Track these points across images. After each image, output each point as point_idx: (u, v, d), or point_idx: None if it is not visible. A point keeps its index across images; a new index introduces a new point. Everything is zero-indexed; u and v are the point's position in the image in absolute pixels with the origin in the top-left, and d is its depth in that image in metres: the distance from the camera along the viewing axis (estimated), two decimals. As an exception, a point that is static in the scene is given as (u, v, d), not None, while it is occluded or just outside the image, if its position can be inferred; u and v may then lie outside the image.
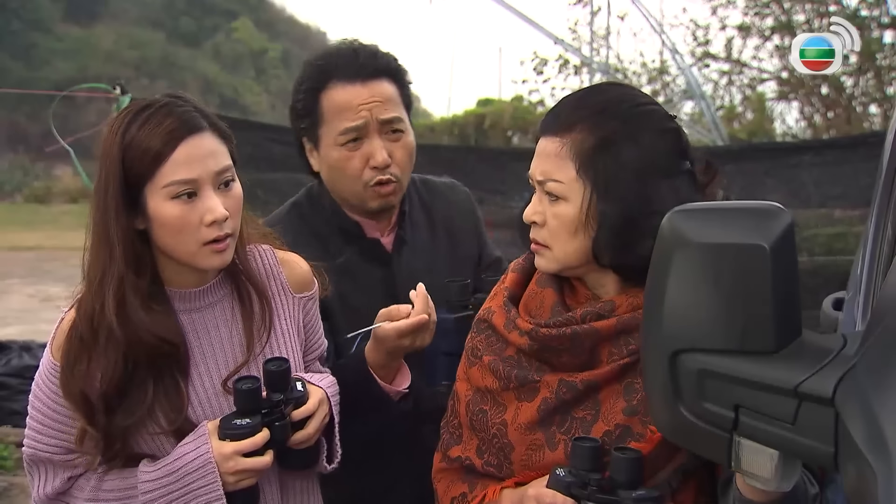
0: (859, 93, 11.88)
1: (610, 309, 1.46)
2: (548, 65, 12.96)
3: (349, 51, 1.98)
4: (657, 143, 1.42)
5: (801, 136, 12.30)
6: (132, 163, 1.49)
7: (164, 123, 1.50)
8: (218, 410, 1.59)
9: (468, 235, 2.17)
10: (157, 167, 1.49)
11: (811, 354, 0.98)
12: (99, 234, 1.53)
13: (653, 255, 1.09)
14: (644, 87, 12.72)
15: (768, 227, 1.01)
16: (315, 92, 1.97)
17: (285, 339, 1.68)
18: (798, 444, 0.95)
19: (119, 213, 1.50)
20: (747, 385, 0.98)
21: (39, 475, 1.62)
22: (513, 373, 1.53)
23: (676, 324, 1.03)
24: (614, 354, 1.45)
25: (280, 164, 5.80)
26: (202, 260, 1.55)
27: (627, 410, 1.43)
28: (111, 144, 1.51)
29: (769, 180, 5.82)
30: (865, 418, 0.86)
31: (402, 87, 2.01)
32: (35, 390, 1.60)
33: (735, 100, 13.52)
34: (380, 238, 2.07)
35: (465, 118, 14.83)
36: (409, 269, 2.04)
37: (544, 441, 1.49)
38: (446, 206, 2.17)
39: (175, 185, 1.50)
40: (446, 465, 1.64)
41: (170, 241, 1.53)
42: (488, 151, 9.26)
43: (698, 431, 1.03)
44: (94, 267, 1.54)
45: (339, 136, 1.95)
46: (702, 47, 12.46)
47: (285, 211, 2.11)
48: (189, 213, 1.51)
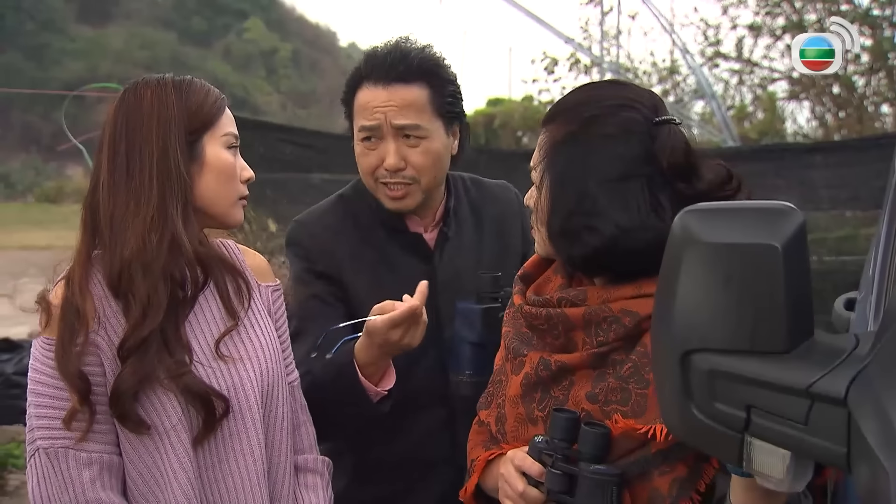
0: (871, 92, 11.84)
1: (582, 298, 1.50)
2: (558, 64, 12.96)
3: (384, 52, 2.01)
4: (614, 146, 1.44)
5: (812, 135, 12.27)
6: (198, 111, 1.65)
7: (212, 88, 1.71)
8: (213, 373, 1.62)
9: (515, 235, 2.19)
10: (220, 117, 1.67)
11: (823, 354, 0.98)
12: (146, 185, 1.59)
13: (664, 255, 1.09)
14: (654, 87, 12.71)
15: (780, 227, 1.01)
16: (353, 89, 2.04)
17: (264, 320, 1.73)
18: (810, 445, 0.95)
19: (185, 156, 1.62)
20: (759, 385, 0.98)
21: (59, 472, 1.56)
22: (512, 345, 1.61)
23: (687, 324, 1.03)
24: (587, 343, 1.49)
25: (290, 164, 5.81)
26: (235, 211, 1.70)
27: (589, 396, 1.47)
28: (165, 100, 1.63)
29: (780, 181, 5.80)
30: (878, 418, 0.86)
31: (438, 90, 2.01)
32: (34, 376, 1.59)
33: (746, 99, 13.50)
34: (423, 233, 2.09)
35: (474, 118, 14.80)
36: (452, 266, 2.07)
37: (525, 415, 1.55)
38: (496, 207, 2.19)
39: (229, 136, 1.68)
40: (477, 428, 1.70)
41: (218, 189, 1.67)
42: (499, 153, 9.25)
43: (710, 432, 1.03)
44: (138, 220, 1.57)
45: (358, 133, 2.02)
46: (712, 47, 12.45)
47: (331, 202, 2.16)
48: (235, 164, 1.69)
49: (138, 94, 1.63)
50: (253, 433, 1.65)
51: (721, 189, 1.48)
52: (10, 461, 5.16)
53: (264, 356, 1.69)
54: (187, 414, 1.59)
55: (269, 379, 1.69)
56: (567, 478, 1.42)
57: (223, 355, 1.64)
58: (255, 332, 1.71)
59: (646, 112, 1.47)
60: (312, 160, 6.02)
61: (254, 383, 1.66)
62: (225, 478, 1.64)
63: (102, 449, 1.58)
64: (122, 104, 1.63)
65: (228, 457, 1.64)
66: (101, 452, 1.58)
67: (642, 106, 1.48)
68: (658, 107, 1.50)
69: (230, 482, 1.64)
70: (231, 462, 1.64)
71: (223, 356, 1.63)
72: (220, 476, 1.63)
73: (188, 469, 1.59)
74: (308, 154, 6.01)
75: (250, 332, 1.70)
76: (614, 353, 1.47)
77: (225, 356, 1.64)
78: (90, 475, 1.57)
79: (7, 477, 5.20)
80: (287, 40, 49.99)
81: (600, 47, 13.14)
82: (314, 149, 6.18)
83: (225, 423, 1.62)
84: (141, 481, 1.60)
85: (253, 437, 1.66)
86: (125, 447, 1.60)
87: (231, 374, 1.64)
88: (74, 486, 1.56)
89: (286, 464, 1.74)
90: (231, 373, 1.64)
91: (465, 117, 2.10)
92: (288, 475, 1.74)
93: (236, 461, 1.64)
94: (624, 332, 1.45)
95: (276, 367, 1.72)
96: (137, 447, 1.59)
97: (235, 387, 1.64)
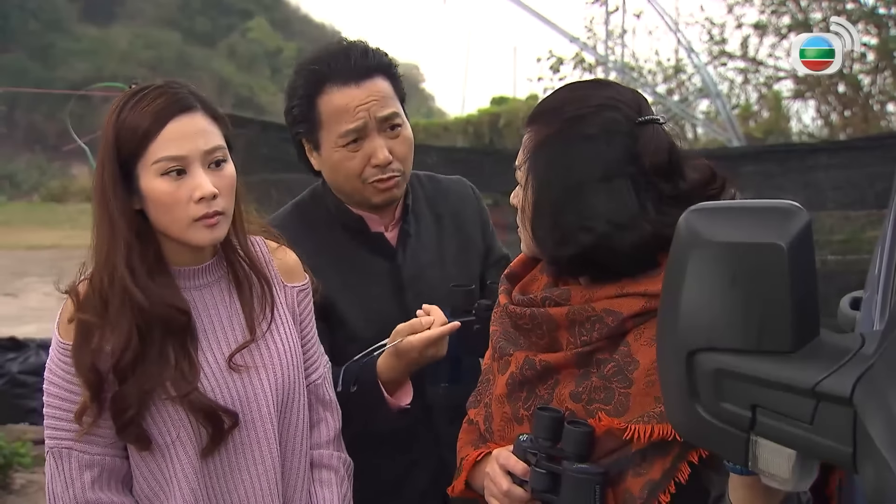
0: (876, 91, 11.82)
1: (565, 297, 1.50)
2: (564, 63, 12.95)
3: (340, 52, 1.99)
4: (596, 146, 1.43)
5: (817, 134, 12.24)
6: (124, 141, 1.55)
7: (155, 102, 1.55)
8: (224, 386, 1.62)
9: (475, 229, 2.20)
10: (147, 144, 1.54)
11: (829, 354, 0.98)
12: (101, 213, 1.57)
13: (669, 254, 1.09)
14: (659, 86, 12.72)
15: (786, 227, 1.01)
16: (311, 98, 1.98)
17: (285, 326, 1.72)
18: (816, 444, 0.95)
19: (117, 191, 1.55)
20: (765, 384, 0.98)
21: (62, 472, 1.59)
22: (498, 344, 1.61)
23: (693, 323, 1.03)
24: (571, 342, 1.49)
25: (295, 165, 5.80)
26: (193, 235, 1.58)
27: (573, 395, 1.47)
28: (107, 125, 1.56)
29: (785, 181, 5.79)
30: (884, 418, 0.86)
31: (395, 80, 2.03)
32: (48, 376, 1.61)
33: (751, 98, 13.48)
34: (384, 232, 2.09)
35: (479, 117, 14.80)
36: (415, 262, 2.08)
37: (511, 414, 1.56)
38: (453, 201, 2.20)
39: (164, 162, 1.54)
40: (466, 427, 1.70)
41: (163, 219, 1.58)
42: (504, 153, 9.24)
43: (715, 431, 1.03)
44: (101, 244, 1.58)
45: (339, 139, 1.97)
46: (718, 45, 12.43)
47: (287, 211, 2.14)
48: (178, 189, 1.55)
49: (109, 109, 1.59)
50: (265, 443, 1.66)
51: (704, 189, 1.47)
52: (15, 460, 5.17)
53: (282, 364, 1.69)
54: (195, 426, 1.59)
55: (286, 387, 1.69)
56: (551, 476, 1.42)
57: (237, 366, 1.63)
58: (276, 338, 1.69)
59: (628, 112, 1.46)
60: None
61: (268, 393, 1.65)
62: (237, 486, 1.64)
63: (105, 452, 1.60)
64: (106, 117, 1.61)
65: (240, 466, 1.64)
66: (104, 455, 1.60)
67: (625, 106, 1.47)
68: (642, 106, 1.48)
69: (241, 492, 1.64)
70: (242, 472, 1.64)
71: (237, 367, 1.63)
72: (232, 486, 1.64)
73: (191, 479, 1.59)
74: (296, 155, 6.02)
75: (269, 340, 1.69)
76: (598, 352, 1.47)
77: (239, 366, 1.63)
78: (91, 477, 1.59)
79: (13, 476, 5.21)
80: (291, 40, 49.95)
81: (605, 46, 13.12)
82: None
83: (236, 434, 1.63)
84: (146, 485, 1.62)
85: (265, 447, 1.66)
86: (131, 450, 1.62)
87: (245, 384, 1.64)
88: (75, 486, 1.58)
89: (301, 465, 1.74)
90: (245, 383, 1.64)
91: None
92: (303, 473, 1.74)
93: (248, 471, 1.64)
94: (607, 332, 1.45)
95: (295, 374, 1.71)
96: (143, 454, 1.61)
97: (248, 397, 1.64)
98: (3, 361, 6.20)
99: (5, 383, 6.05)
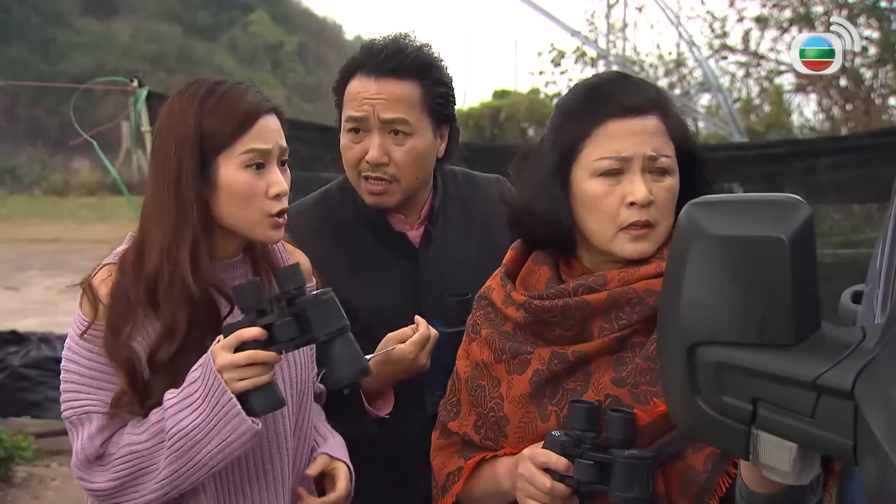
0: (878, 85, 11.77)
1: (602, 283, 1.50)
2: (565, 57, 12.93)
3: (379, 46, 2.01)
4: None
5: (819, 128, 12.22)
6: (213, 132, 1.58)
7: (245, 98, 1.61)
8: None
9: (503, 234, 2.15)
10: (240, 135, 1.59)
11: (830, 347, 0.98)
12: (169, 200, 1.59)
13: (670, 247, 1.09)
14: (661, 80, 12.68)
15: (787, 220, 1.01)
16: (345, 78, 2.03)
17: None
18: (817, 438, 0.95)
19: (195, 178, 1.58)
20: (766, 378, 0.98)
21: (80, 433, 1.60)
22: (507, 345, 1.58)
23: (694, 316, 1.03)
24: (605, 329, 1.49)
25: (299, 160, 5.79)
26: (262, 231, 1.63)
27: (616, 381, 1.47)
28: (185, 114, 1.59)
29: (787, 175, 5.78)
30: (885, 411, 0.86)
31: (429, 89, 2.00)
32: (67, 353, 1.62)
33: (752, 92, 13.44)
34: (407, 232, 2.07)
35: (480, 111, 14.79)
36: (436, 266, 2.05)
37: (536, 414, 1.53)
38: (485, 203, 2.14)
39: (251, 154, 1.60)
40: (444, 442, 1.68)
41: (234, 210, 1.61)
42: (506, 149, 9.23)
43: (716, 424, 1.03)
44: (162, 231, 1.59)
45: (345, 123, 2.00)
46: (719, 39, 12.38)
47: (313, 200, 2.14)
48: (257, 182, 1.61)
49: (172, 103, 1.64)
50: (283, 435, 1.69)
51: None
52: (17, 453, 5.18)
53: (297, 361, 1.71)
54: None
55: (301, 384, 1.72)
56: (599, 467, 1.41)
57: None
58: None
59: None
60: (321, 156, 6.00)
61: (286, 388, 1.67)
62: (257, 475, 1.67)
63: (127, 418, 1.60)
64: (162, 111, 1.65)
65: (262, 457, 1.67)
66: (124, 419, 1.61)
67: None
68: None
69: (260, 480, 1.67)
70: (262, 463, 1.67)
71: None
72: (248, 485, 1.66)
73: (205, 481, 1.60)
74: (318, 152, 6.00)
75: None
76: (634, 335, 1.48)
77: None
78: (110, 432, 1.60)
79: (14, 469, 5.22)
80: (293, 34, 49.92)
81: (607, 40, 13.10)
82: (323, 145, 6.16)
83: None
84: None
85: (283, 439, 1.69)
86: None
87: None
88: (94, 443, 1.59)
89: (306, 453, 1.77)
90: None
91: (455, 120, 2.09)
92: (307, 458, 1.77)
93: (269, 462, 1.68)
94: (649, 312, 1.45)
95: (309, 370, 1.75)
96: None
97: None
98: (4, 355, 6.22)
99: (7, 377, 6.06)
